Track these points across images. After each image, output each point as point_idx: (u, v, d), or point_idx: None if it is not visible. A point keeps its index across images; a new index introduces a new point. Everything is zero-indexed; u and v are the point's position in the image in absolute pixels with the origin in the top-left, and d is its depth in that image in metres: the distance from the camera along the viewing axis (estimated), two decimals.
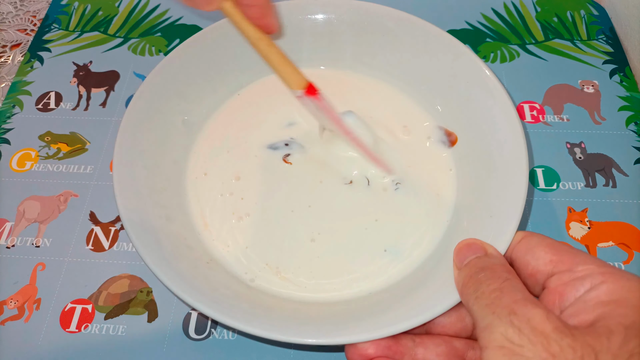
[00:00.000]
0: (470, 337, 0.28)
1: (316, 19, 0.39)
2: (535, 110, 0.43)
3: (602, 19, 0.48)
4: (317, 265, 0.32)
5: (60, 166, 0.41)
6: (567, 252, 0.24)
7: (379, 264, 0.32)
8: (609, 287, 0.22)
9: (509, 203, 0.29)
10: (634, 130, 0.41)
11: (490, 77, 0.34)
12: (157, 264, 0.28)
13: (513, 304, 0.22)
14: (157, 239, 0.30)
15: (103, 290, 0.35)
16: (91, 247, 0.37)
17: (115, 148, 0.32)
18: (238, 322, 0.26)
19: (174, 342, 0.33)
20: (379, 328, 0.26)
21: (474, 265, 0.25)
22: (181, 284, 0.27)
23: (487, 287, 0.23)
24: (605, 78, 0.44)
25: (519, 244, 0.27)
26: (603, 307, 0.21)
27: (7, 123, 0.44)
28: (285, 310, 0.30)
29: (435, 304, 0.26)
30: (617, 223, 0.37)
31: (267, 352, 0.33)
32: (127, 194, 0.31)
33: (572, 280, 0.23)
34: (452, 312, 0.27)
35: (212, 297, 0.28)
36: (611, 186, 0.38)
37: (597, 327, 0.20)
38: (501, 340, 0.21)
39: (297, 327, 0.27)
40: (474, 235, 0.28)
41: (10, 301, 0.35)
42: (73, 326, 0.34)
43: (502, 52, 0.46)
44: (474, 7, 0.50)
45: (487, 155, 0.33)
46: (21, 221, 0.39)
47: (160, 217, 0.32)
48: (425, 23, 0.37)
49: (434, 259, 0.31)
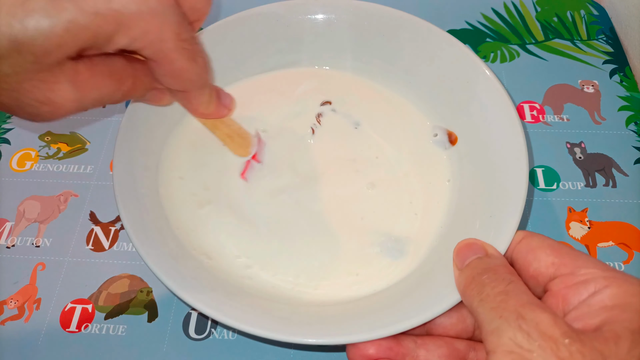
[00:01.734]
0: (472, 338, 0.28)
1: (316, 19, 0.39)
2: (535, 110, 0.43)
3: (602, 19, 0.48)
4: (317, 266, 0.32)
5: (60, 166, 0.41)
6: (569, 255, 0.24)
7: (379, 264, 0.32)
8: (613, 292, 0.22)
9: (509, 203, 0.29)
10: (634, 130, 0.41)
11: (490, 78, 0.34)
12: (157, 264, 0.28)
13: (520, 307, 0.21)
14: (157, 238, 0.30)
15: (103, 290, 0.35)
16: (91, 247, 0.37)
17: (115, 148, 0.32)
18: (239, 322, 0.26)
19: (174, 342, 0.33)
20: (379, 328, 0.26)
21: (476, 266, 0.25)
22: (181, 283, 0.27)
23: (492, 289, 0.23)
24: (605, 78, 0.44)
25: (519, 244, 0.27)
26: (608, 312, 0.21)
27: (7, 123, 0.44)
28: (285, 311, 0.30)
29: (435, 303, 0.26)
30: (617, 223, 0.37)
31: (267, 352, 0.33)
32: (127, 194, 0.31)
33: (575, 284, 0.23)
34: (453, 313, 0.27)
35: (211, 296, 0.28)
36: (611, 186, 0.38)
37: (604, 332, 0.20)
38: (510, 345, 0.20)
39: (297, 327, 0.27)
40: (474, 235, 0.28)
41: (10, 301, 0.35)
42: (73, 326, 0.34)
43: (502, 52, 0.46)
44: (474, 7, 0.50)
45: (487, 154, 0.33)
46: (21, 221, 0.39)
47: (159, 218, 0.32)
48: (426, 23, 0.37)
49: (433, 258, 0.31)
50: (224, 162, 0.36)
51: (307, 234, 0.33)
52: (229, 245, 0.33)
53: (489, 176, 0.32)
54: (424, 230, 0.33)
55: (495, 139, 0.33)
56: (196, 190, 0.35)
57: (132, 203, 0.30)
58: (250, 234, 0.33)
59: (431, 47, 0.37)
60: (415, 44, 0.37)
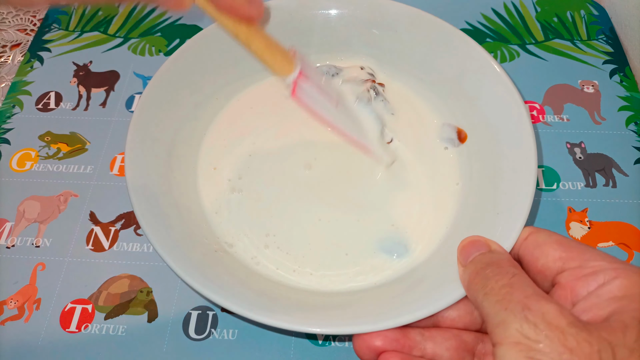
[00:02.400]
0: (479, 330, 0.28)
1: (329, 14, 0.39)
2: (535, 110, 0.43)
3: (602, 19, 0.48)
4: (323, 256, 0.33)
5: (60, 166, 0.41)
6: (577, 248, 0.24)
7: (385, 257, 0.33)
8: (622, 282, 0.22)
9: (516, 200, 0.29)
10: (634, 130, 0.41)
11: (501, 75, 0.34)
12: (167, 251, 0.28)
13: (525, 299, 0.21)
14: (167, 226, 0.30)
15: (103, 290, 0.35)
16: (91, 247, 0.37)
17: (128, 137, 0.32)
18: (244, 309, 0.26)
19: (174, 342, 0.33)
20: (385, 319, 0.26)
21: (479, 261, 0.25)
22: (190, 270, 0.28)
23: (496, 283, 0.23)
24: (605, 78, 0.44)
25: (526, 240, 0.27)
26: (617, 302, 0.21)
27: (7, 123, 0.44)
28: (290, 299, 0.30)
29: (442, 296, 0.26)
30: (617, 223, 0.37)
31: (267, 353, 0.33)
32: (138, 174, 0.31)
33: (584, 276, 0.23)
34: (461, 306, 0.27)
35: (219, 284, 0.28)
36: (611, 186, 0.38)
37: (612, 321, 0.20)
38: (517, 337, 0.20)
39: (302, 316, 0.27)
40: (481, 232, 0.28)
41: (10, 301, 0.35)
42: (73, 326, 0.34)
43: (502, 52, 0.46)
44: (474, 7, 0.50)
45: (495, 152, 0.33)
46: (21, 221, 0.39)
47: (171, 206, 0.32)
48: (438, 20, 0.37)
49: (439, 254, 0.32)
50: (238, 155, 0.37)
51: (314, 226, 0.34)
52: (236, 235, 0.34)
53: (498, 174, 0.32)
54: (430, 226, 0.33)
55: (504, 136, 0.33)
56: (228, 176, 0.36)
57: (143, 190, 0.31)
58: (259, 224, 0.34)
59: (443, 44, 0.37)
60: (426, 41, 0.37)
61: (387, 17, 0.38)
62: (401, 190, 0.35)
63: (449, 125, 0.37)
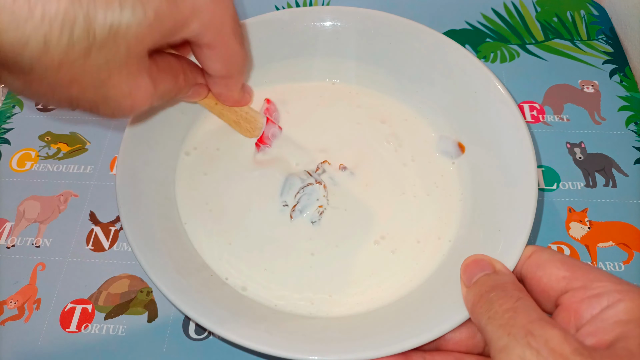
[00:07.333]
0: (482, 353, 0.27)
1: (323, 26, 0.38)
2: (535, 110, 0.43)
3: (602, 19, 0.48)
4: (321, 281, 0.31)
5: (60, 166, 0.41)
6: (580, 268, 0.24)
7: (385, 279, 0.31)
8: (627, 305, 0.22)
9: (517, 217, 0.28)
10: (634, 130, 0.41)
11: (500, 90, 0.33)
12: (162, 279, 0.28)
13: (529, 324, 0.21)
14: (161, 251, 0.30)
15: (103, 290, 0.35)
16: (91, 247, 0.37)
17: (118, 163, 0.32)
18: (238, 336, 0.26)
19: (174, 342, 0.33)
20: (387, 345, 0.25)
21: (484, 283, 0.25)
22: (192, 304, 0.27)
23: (500, 306, 0.23)
24: (605, 78, 0.44)
25: (529, 259, 0.26)
26: (622, 327, 0.21)
27: (7, 123, 0.44)
28: (290, 326, 0.29)
29: (444, 320, 0.26)
30: (617, 223, 0.37)
31: None
32: (130, 204, 0.30)
33: (588, 298, 0.23)
34: (463, 329, 0.27)
35: (215, 312, 0.27)
36: (611, 186, 0.38)
37: (617, 348, 0.20)
38: None
39: (302, 344, 0.26)
40: (482, 250, 0.28)
41: (10, 301, 0.35)
42: (73, 326, 0.34)
43: (502, 52, 0.46)
44: (474, 7, 0.50)
45: (495, 167, 0.32)
46: (21, 221, 0.39)
47: (163, 230, 0.31)
48: (434, 32, 0.36)
49: (441, 274, 0.31)
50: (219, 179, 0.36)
51: (311, 249, 0.33)
52: (225, 259, 0.32)
53: (498, 190, 0.31)
54: (430, 245, 0.32)
55: (503, 152, 0.32)
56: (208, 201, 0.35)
57: (136, 216, 0.30)
58: (250, 249, 0.33)
59: (438, 57, 0.36)
60: (422, 53, 0.37)
61: (379, 29, 0.37)
62: (399, 209, 0.34)
63: (447, 139, 0.36)
